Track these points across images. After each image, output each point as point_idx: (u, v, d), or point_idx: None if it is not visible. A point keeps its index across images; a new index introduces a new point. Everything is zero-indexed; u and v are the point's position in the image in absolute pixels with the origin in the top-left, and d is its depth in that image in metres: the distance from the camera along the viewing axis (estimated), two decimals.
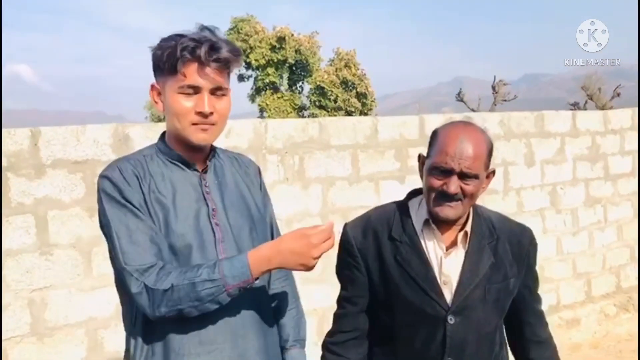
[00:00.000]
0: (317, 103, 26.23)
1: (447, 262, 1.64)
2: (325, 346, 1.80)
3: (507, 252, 1.69)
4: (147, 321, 1.54)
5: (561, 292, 5.27)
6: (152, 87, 1.60)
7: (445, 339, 1.63)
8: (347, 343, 1.75)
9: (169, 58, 1.52)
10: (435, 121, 4.60)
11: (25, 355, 3.04)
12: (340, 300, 1.78)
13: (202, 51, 1.52)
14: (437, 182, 1.58)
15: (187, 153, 1.62)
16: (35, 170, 3.08)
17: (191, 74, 1.53)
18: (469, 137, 1.58)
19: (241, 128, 3.78)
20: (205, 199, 1.61)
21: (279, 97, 26.54)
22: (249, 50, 25.95)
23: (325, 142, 4.08)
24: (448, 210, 1.59)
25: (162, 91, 1.58)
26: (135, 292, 1.47)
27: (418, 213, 1.69)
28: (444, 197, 1.58)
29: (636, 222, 5.79)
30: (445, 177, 1.57)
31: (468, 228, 1.66)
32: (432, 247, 1.65)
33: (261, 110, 26.42)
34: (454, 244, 1.66)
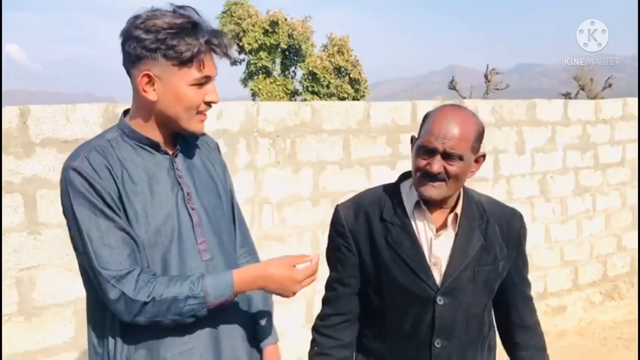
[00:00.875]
0: (309, 88, 26.14)
1: (437, 243, 1.66)
2: (316, 329, 1.80)
3: (497, 235, 1.70)
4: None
5: (548, 279, 5.32)
6: (145, 75, 1.49)
7: (434, 320, 1.65)
8: (338, 325, 1.76)
9: (189, 49, 1.46)
10: (427, 107, 4.60)
11: (13, 334, 3.03)
12: (331, 283, 1.79)
13: (220, 41, 1.52)
14: (422, 162, 1.59)
15: (162, 138, 1.58)
16: (24, 149, 3.05)
17: (208, 64, 1.52)
18: (455, 118, 1.59)
19: (233, 110, 3.76)
20: (179, 183, 1.58)
21: (271, 82, 26.40)
22: (241, 34, 25.76)
23: (317, 126, 4.07)
24: (431, 190, 1.59)
25: (159, 80, 1.49)
26: (112, 299, 1.44)
27: (409, 195, 1.69)
28: (428, 176, 1.59)
29: (624, 212, 5.84)
30: (430, 156, 1.58)
31: (458, 210, 1.67)
32: (423, 228, 1.66)
33: (253, 95, 26.29)
34: (444, 225, 1.67)
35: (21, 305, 3.06)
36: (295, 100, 25.91)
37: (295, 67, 27.58)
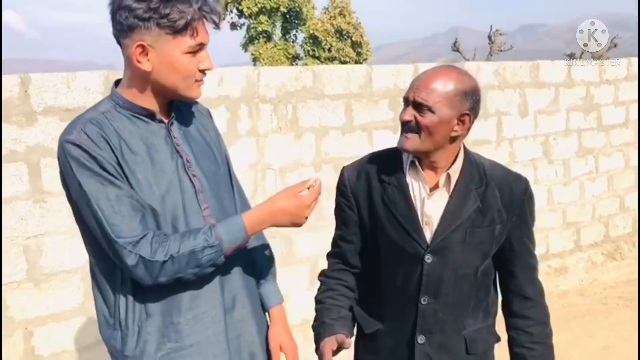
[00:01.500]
0: (310, 52, 25.89)
1: (429, 203, 1.69)
2: (322, 274, 1.88)
3: (496, 198, 1.70)
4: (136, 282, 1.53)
5: (550, 241, 5.36)
6: (139, 45, 1.46)
7: (422, 278, 1.68)
8: (342, 272, 1.84)
9: (182, 17, 1.45)
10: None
11: (22, 301, 3.09)
12: (335, 240, 1.86)
13: (212, 8, 1.50)
14: (400, 113, 1.65)
15: (157, 106, 1.57)
16: (26, 117, 3.05)
17: (201, 31, 1.51)
18: (436, 72, 1.62)
19: (233, 76, 3.74)
20: (177, 151, 1.58)
21: (272, 47, 26.15)
22: None
23: (318, 91, 4.05)
24: (404, 141, 1.63)
25: (153, 50, 1.47)
26: (131, 265, 1.46)
27: (408, 157, 1.72)
28: (402, 127, 1.64)
29: (627, 173, 5.84)
30: (405, 107, 1.64)
31: (451, 171, 1.69)
32: (418, 188, 1.70)
33: (254, 60, 26.06)
34: (437, 186, 1.70)
35: (30, 272, 3.11)
36: (297, 64, 25.68)
37: (296, 31, 27.28)
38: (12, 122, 3.02)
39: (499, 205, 1.71)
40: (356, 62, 24.93)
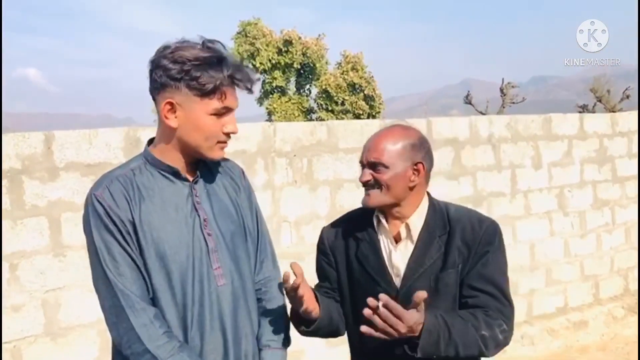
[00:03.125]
0: (324, 106, 26.27)
1: (396, 254, 1.77)
2: None
3: (458, 241, 1.75)
4: None
5: (569, 294, 5.28)
6: (168, 102, 1.56)
7: None
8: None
9: (212, 81, 1.53)
10: (442, 124, 4.64)
11: (39, 355, 3.10)
12: (318, 288, 1.91)
13: (243, 76, 1.59)
14: (360, 176, 1.77)
15: (184, 165, 1.64)
16: (48, 173, 3.14)
17: (230, 96, 1.58)
18: (381, 133, 1.77)
19: (250, 131, 3.83)
20: (196, 209, 1.63)
21: (286, 101, 26.59)
22: (256, 54, 26.04)
23: (333, 145, 4.12)
24: (366, 199, 1.76)
25: (182, 108, 1.55)
26: (117, 324, 1.54)
27: (375, 213, 1.82)
28: (364, 187, 1.77)
29: None
30: (362, 170, 1.77)
31: (412, 221, 1.77)
32: (386, 241, 1.80)
33: (269, 114, 26.48)
34: (400, 236, 1.78)
35: (47, 326, 3.13)
36: (311, 118, 26.04)
37: (310, 85, 27.76)
38: (35, 177, 3.10)
39: (459, 245, 1.74)
40: (369, 115, 25.22)
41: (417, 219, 1.78)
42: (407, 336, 1.53)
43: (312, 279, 1.99)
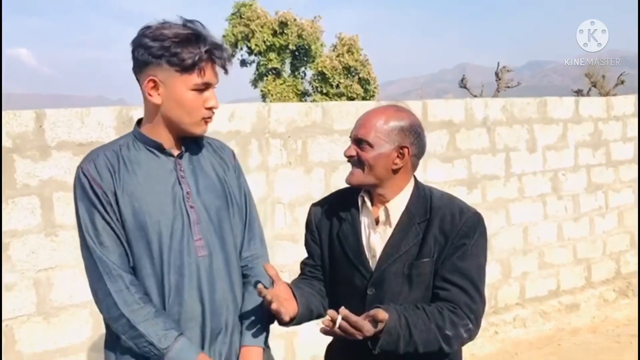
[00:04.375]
0: (319, 89, 26.16)
1: (374, 237, 1.78)
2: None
3: (436, 230, 1.72)
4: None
5: (561, 277, 5.31)
6: (150, 80, 1.63)
7: (364, 310, 1.64)
8: (313, 279, 1.94)
9: (191, 57, 1.59)
10: (437, 106, 4.62)
11: (31, 334, 3.09)
12: (304, 266, 1.98)
13: (221, 53, 1.65)
14: (344, 150, 1.78)
15: (170, 141, 1.71)
16: (40, 152, 3.11)
17: (209, 72, 1.64)
18: (373, 112, 1.77)
19: (244, 112, 3.79)
20: (180, 183, 1.69)
21: (281, 83, 26.45)
22: (250, 35, 25.84)
23: (328, 126, 4.09)
24: (349, 176, 1.77)
25: (164, 85, 1.62)
26: (100, 291, 1.62)
27: (360, 193, 1.82)
28: (348, 162, 1.78)
29: (637, 208, 5.80)
30: (350, 145, 1.78)
31: (392, 205, 1.77)
32: (367, 222, 1.80)
33: (263, 96, 26.35)
34: (379, 219, 1.78)
35: (39, 305, 3.11)
36: (305, 101, 25.94)
37: (305, 68, 27.61)
38: (27, 156, 3.07)
39: (437, 235, 1.72)
40: (363, 99, 25.14)
41: (398, 204, 1.77)
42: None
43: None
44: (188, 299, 1.66)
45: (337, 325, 1.52)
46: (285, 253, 3.88)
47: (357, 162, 1.74)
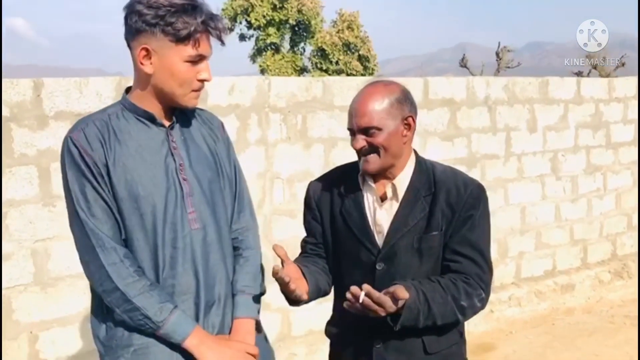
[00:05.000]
0: (318, 65, 25.99)
1: (380, 212, 1.77)
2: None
3: (442, 204, 1.75)
4: None
5: (557, 257, 5.33)
6: (143, 48, 1.58)
7: (374, 284, 1.68)
8: (315, 257, 1.92)
9: (186, 27, 1.55)
10: (439, 84, 4.58)
11: (28, 304, 3.09)
12: (305, 245, 1.96)
13: (216, 24, 1.60)
14: (352, 143, 1.74)
15: (160, 111, 1.67)
16: (37, 121, 3.07)
17: (203, 44, 1.60)
18: (364, 96, 1.72)
19: (244, 85, 3.75)
20: (172, 154, 1.66)
21: (280, 59, 26.27)
22: (250, 9, 25.58)
23: (328, 101, 4.06)
24: (366, 165, 1.73)
25: (157, 54, 1.58)
26: (93, 263, 1.59)
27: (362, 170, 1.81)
28: (360, 154, 1.74)
29: (636, 190, 5.81)
30: (354, 136, 1.73)
31: (396, 181, 1.77)
32: (371, 199, 1.79)
33: (262, 71, 26.19)
34: (386, 195, 1.77)
35: (37, 275, 3.11)
36: (304, 77, 25.80)
37: (305, 43, 27.40)
38: (24, 125, 3.04)
39: (446, 210, 1.75)
40: (363, 76, 25.03)
41: (403, 178, 1.77)
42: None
43: (302, 234, 2.00)
44: (182, 272, 1.65)
45: (360, 300, 1.54)
46: (284, 228, 3.87)
47: (369, 149, 1.71)
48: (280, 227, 3.88)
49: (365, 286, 1.54)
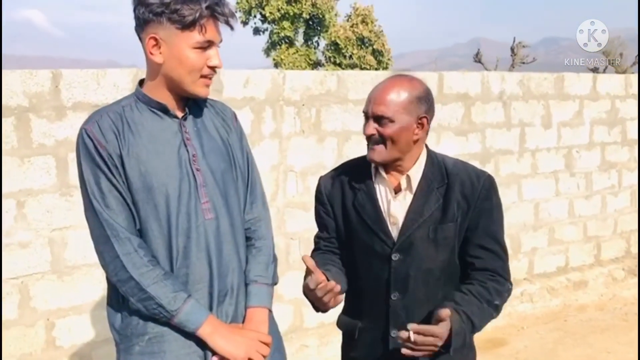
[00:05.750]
0: (332, 59, 25.95)
1: (395, 204, 1.79)
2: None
3: (457, 195, 1.78)
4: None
5: (570, 254, 5.31)
6: (152, 38, 1.59)
7: (390, 275, 1.77)
8: (329, 253, 1.94)
9: (191, 13, 1.55)
10: (453, 78, 4.57)
11: (46, 292, 3.14)
12: (317, 240, 1.98)
13: (223, 9, 1.60)
14: (364, 128, 1.76)
15: (172, 102, 1.68)
16: (56, 112, 3.11)
17: (210, 29, 1.61)
18: (387, 84, 1.73)
19: (259, 78, 3.77)
20: (185, 145, 1.67)
21: (294, 52, 26.26)
22: (264, 3, 25.57)
23: (342, 95, 4.07)
24: (372, 153, 1.75)
25: (165, 43, 1.59)
26: (108, 254, 1.61)
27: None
28: (368, 141, 1.75)
29: None
30: (367, 121, 1.75)
31: (411, 173, 1.78)
32: (384, 191, 1.81)
33: (276, 65, 26.20)
34: (400, 187, 1.79)
35: (54, 264, 3.16)
36: (318, 71, 25.76)
37: (319, 37, 27.36)
38: (43, 116, 3.08)
39: (460, 201, 1.78)
40: (376, 70, 24.96)
41: (417, 171, 1.79)
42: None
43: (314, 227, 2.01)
44: (196, 262, 1.66)
45: (412, 339, 1.57)
46: (297, 221, 3.90)
47: (378, 139, 1.72)
48: (293, 220, 3.90)
49: (412, 326, 1.57)
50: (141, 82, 1.72)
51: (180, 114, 1.69)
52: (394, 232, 1.79)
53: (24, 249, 3.08)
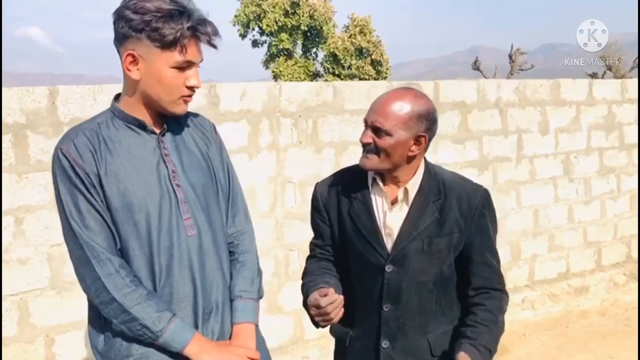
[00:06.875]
0: (330, 70, 26.04)
1: (391, 216, 1.79)
2: (306, 264, 1.99)
3: (454, 209, 1.78)
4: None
5: (571, 259, 5.30)
6: (129, 54, 1.55)
7: (383, 286, 1.78)
8: (324, 261, 1.96)
9: (172, 33, 1.52)
10: (449, 87, 4.59)
11: (45, 308, 3.14)
12: (313, 247, 1.98)
13: (205, 29, 1.57)
14: (361, 135, 1.75)
15: (150, 118, 1.64)
16: (53, 128, 3.13)
17: (191, 49, 1.57)
18: (392, 97, 1.71)
19: (256, 91, 3.79)
20: (164, 161, 1.63)
21: (292, 64, 26.36)
22: (262, 15, 25.71)
23: (339, 106, 4.09)
24: (364, 160, 1.75)
25: (144, 60, 1.55)
26: (87, 276, 1.57)
27: (371, 173, 1.82)
28: (363, 148, 1.75)
29: None
30: (365, 129, 1.75)
31: (409, 186, 1.78)
32: (380, 202, 1.81)
33: (275, 77, 26.29)
34: (397, 199, 1.79)
35: (53, 280, 3.16)
36: (317, 82, 25.85)
37: (317, 49, 27.47)
38: (40, 132, 3.10)
39: (457, 216, 1.78)
40: (375, 80, 25.03)
41: (414, 183, 1.79)
42: None
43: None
44: (179, 280, 1.63)
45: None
46: (296, 232, 3.90)
47: (373, 149, 1.72)
48: (292, 231, 3.91)
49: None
50: (117, 97, 1.68)
51: (158, 130, 1.65)
52: (389, 244, 1.79)
53: (23, 265, 3.08)
